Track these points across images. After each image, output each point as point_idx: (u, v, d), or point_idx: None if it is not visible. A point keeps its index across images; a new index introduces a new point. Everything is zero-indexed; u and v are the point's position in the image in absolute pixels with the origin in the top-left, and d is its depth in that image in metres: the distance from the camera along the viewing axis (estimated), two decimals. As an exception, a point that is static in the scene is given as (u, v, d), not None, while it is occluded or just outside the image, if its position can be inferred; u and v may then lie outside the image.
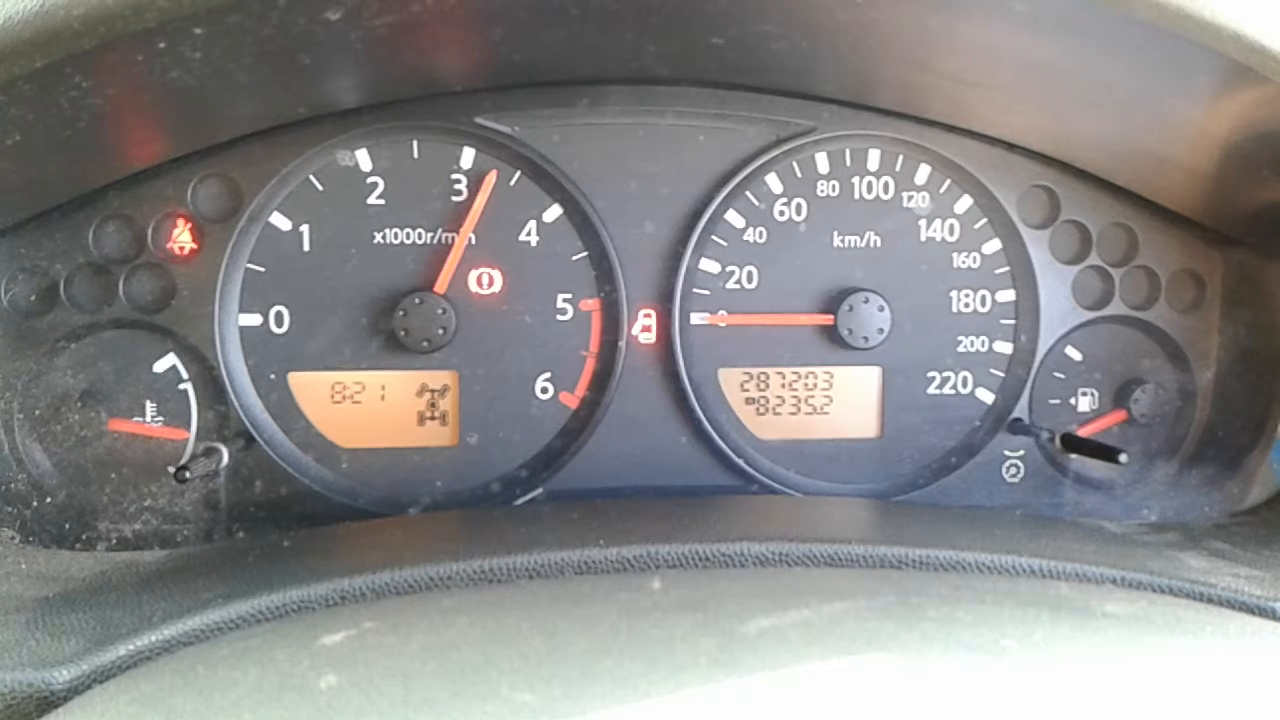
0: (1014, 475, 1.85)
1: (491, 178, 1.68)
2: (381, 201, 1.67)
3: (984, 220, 1.81)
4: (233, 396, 1.64)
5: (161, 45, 1.07)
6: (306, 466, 1.69)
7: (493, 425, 1.73)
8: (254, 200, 1.62)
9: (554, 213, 1.72)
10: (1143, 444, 1.87)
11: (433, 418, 1.73)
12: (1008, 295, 1.83)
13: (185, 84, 1.23)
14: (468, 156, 1.69)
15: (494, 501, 1.73)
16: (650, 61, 1.58)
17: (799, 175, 1.77)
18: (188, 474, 1.52)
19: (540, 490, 1.74)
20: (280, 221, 1.66)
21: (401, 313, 1.65)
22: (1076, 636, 0.89)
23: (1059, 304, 1.82)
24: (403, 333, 1.65)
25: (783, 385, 1.80)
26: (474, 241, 1.70)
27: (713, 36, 1.43)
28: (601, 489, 1.75)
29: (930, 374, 1.83)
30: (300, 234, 1.66)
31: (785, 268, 1.77)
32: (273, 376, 1.68)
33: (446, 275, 1.67)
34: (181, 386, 1.65)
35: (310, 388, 1.69)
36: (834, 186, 1.78)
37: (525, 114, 1.68)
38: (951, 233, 1.81)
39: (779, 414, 1.81)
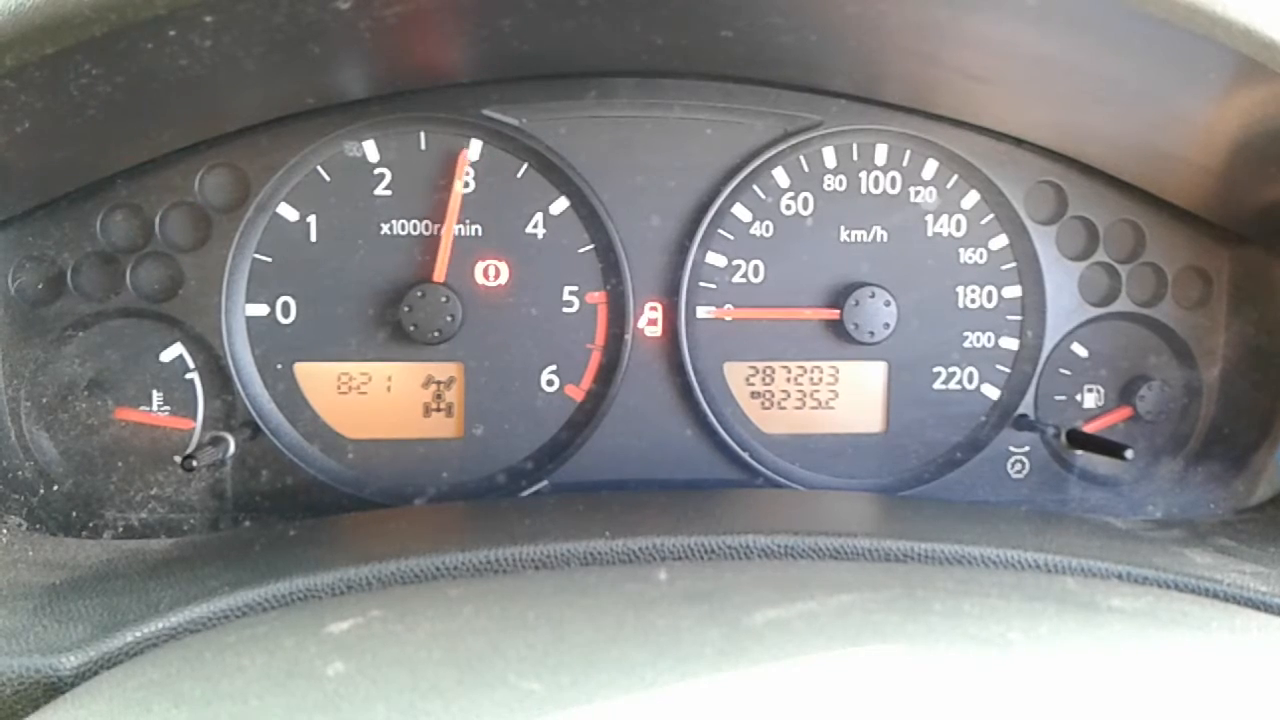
0: (1019, 471, 1.85)
1: (463, 156, 1.68)
2: (388, 192, 1.67)
3: (991, 216, 1.81)
4: (239, 386, 1.64)
5: (171, 33, 1.07)
6: (312, 457, 1.69)
7: (498, 417, 1.73)
8: (261, 190, 1.63)
9: (561, 205, 1.72)
10: (1148, 441, 1.87)
11: (438, 409, 1.73)
12: (1014, 291, 1.83)
13: (194, 73, 1.23)
14: (475, 148, 1.69)
15: (499, 494, 1.73)
16: (658, 54, 1.57)
17: (806, 169, 1.77)
18: (194, 463, 1.52)
19: (545, 483, 1.74)
20: (287, 212, 1.66)
21: (407, 308, 1.65)
22: (1082, 630, 0.89)
23: (1065, 300, 1.82)
24: (412, 327, 1.65)
25: (788, 379, 1.80)
26: (480, 233, 1.70)
27: (721, 29, 1.43)
28: (606, 482, 1.75)
29: (936, 369, 1.82)
30: (307, 224, 1.66)
31: (791, 262, 1.77)
32: (279, 366, 1.68)
33: (443, 263, 1.67)
34: (188, 376, 1.65)
35: (316, 378, 1.70)
36: (841, 181, 1.77)
37: (532, 106, 1.68)
38: (958, 228, 1.81)
39: (784, 408, 1.81)
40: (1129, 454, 1.67)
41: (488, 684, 0.75)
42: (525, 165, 1.71)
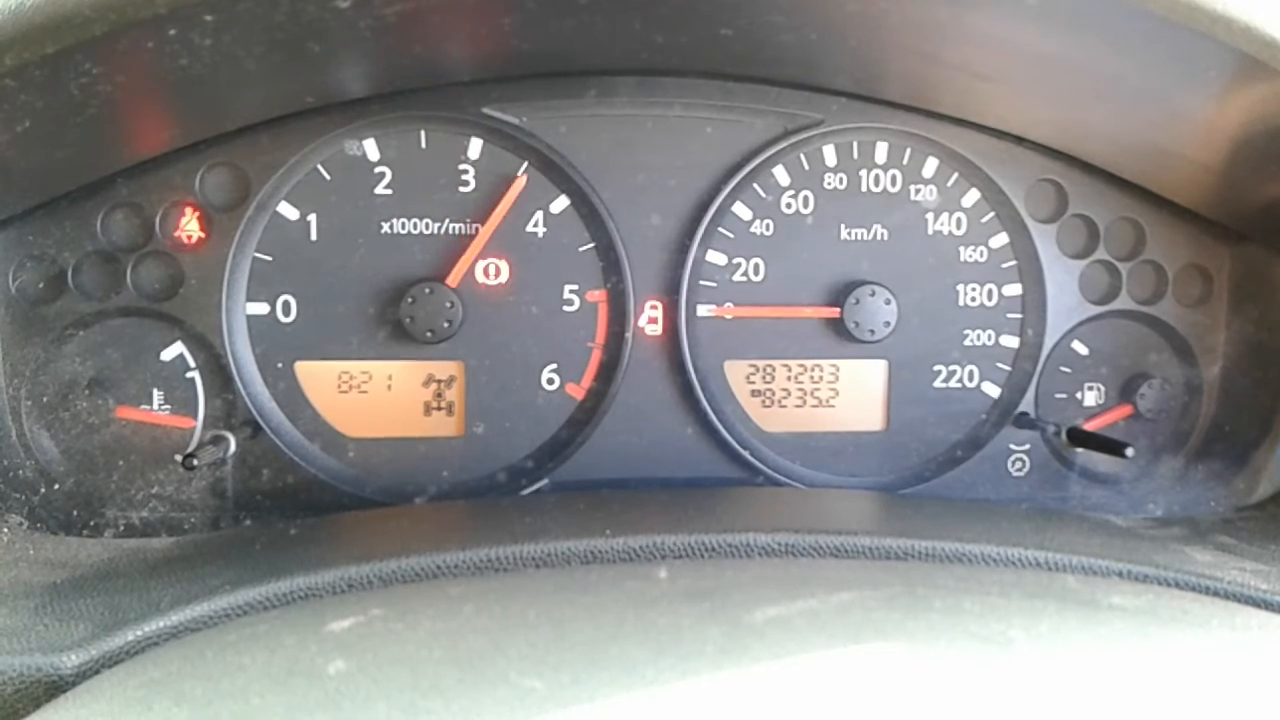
0: (1020, 469, 1.85)
1: (520, 181, 1.68)
2: (389, 191, 1.67)
3: (991, 214, 1.81)
4: (240, 385, 1.65)
5: (172, 32, 1.07)
6: (313, 456, 1.69)
7: (499, 416, 1.74)
8: (262, 189, 1.63)
9: (561, 204, 1.72)
10: (1149, 439, 1.87)
11: (439, 408, 1.73)
12: (1014, 289, 1.83)
13: (195, 72, 1.23)
14: (475, 147, 1.69)
15: (500, 492, 1.73)
16: (658, 52, 1.57)
17: (806, 167, 1.77)
18: (195, 462, 1.52)
19: (546, 481, 1.74)
20: (288, 211, 1.66)
21: (410, 300, 1.65)
22: (1083, 628, 0.89)
23: (1066, 298, 1.82)
24: (408, 319, 1.65)
25: (789, 378, 1.80)
26: (480, 232, 1.70)
27: (721, 27, 1.43)
28: (607, 480, 1.75)
29: (936, 367, 1.82)
30: (308, 223, 1.66)
31: (792, 260, 1.77)
32: (280, 365, 1.68)
33: (461, 269, 1.68)
34: (189, 375, 1.66)
35: (317, 377, 1.70)
36: (841, 179, 1.77)
37: (533, 105, 1.68)
38: (959, 226, 1.81)
39: (785, 406, 1.81)
40: (1129, 452, 1.67)
41: (489, 682, 0.75)
42: (525, 164, 1.71)
